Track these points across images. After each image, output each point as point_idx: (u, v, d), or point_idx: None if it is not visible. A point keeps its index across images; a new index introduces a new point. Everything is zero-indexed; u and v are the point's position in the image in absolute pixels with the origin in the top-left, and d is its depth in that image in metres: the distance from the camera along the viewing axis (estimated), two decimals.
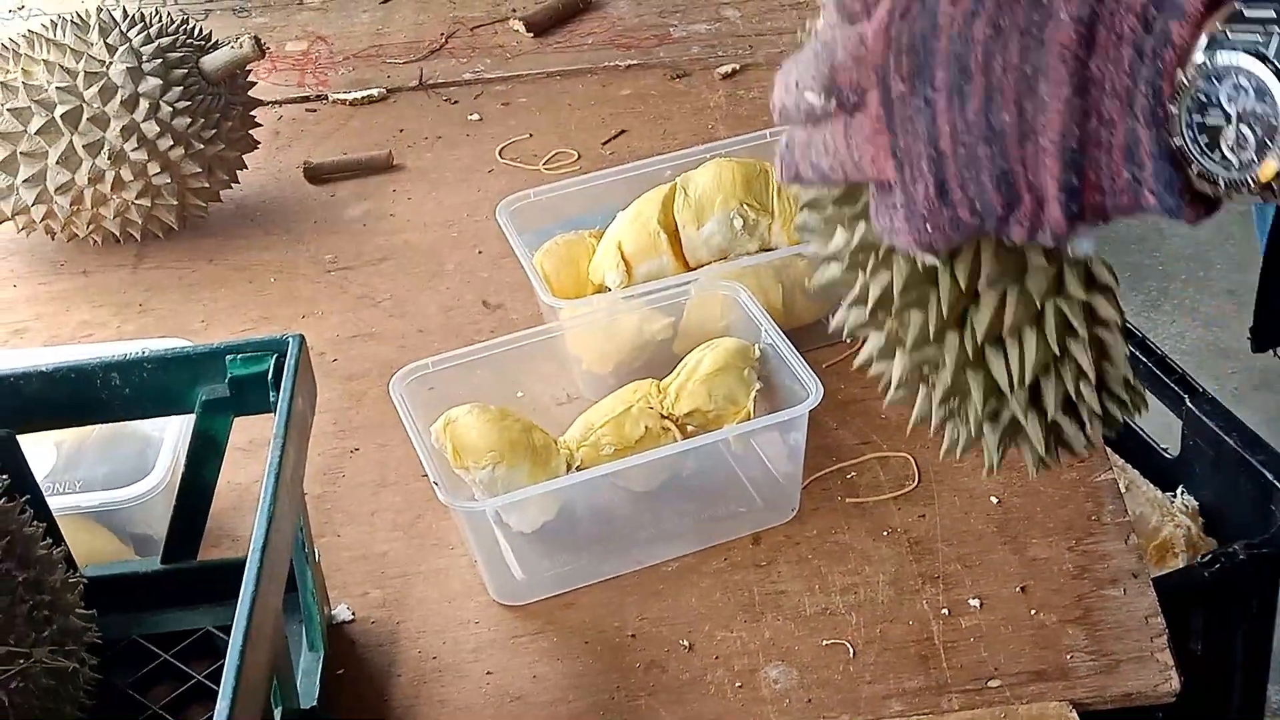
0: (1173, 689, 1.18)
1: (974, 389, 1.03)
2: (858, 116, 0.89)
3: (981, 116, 0.86)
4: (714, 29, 2.05)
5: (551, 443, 1.32)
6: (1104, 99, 0.83)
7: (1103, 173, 0.85)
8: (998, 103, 0.85)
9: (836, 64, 0.90)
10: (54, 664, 1.03)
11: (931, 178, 0.88)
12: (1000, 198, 0.87)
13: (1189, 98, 0.82)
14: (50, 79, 1.62)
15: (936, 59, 0.87)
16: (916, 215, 0.89)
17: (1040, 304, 1.00)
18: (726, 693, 1.20)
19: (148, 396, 1.18)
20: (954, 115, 0.86)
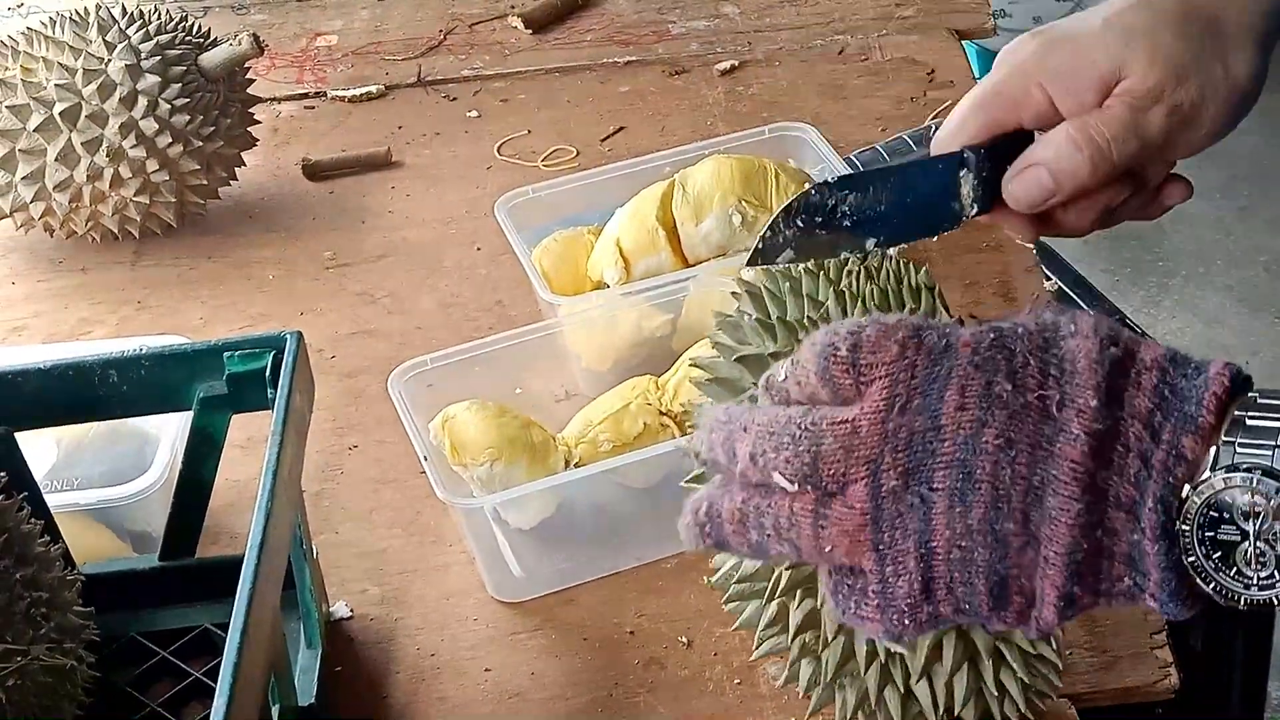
0: (1171, 685, 1.18)
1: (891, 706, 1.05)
2: (835, 508, 0.84)
3: (985, 524, 0.82)
4: (713, 25, 2.05)
5: (550, 439, 1.32)
6: (1109, 511, 0.81)
7: (1102, 579, 0.82)
8: (1003, 511, 0.82)
9: (822, 453, 0.84)
10: (52, 661, 1.02)
11: (919, 576, 0.84)
12: (989, 600, 0.84)
13: (1200, 515, 0.79)
14: (49, 76, 1.62)
15: (938, 461, 0.83)
16: (893, 609, 0.85)
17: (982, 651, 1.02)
18: (725, 689, 1.20)
19: (146, 394, 1.18)
20: (953, 519, 0.82)
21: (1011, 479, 0.81)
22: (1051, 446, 0.81)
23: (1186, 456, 0.79)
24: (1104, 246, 3.59)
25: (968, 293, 1.56)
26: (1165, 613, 0.82)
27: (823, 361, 0.85)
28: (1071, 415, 0.81)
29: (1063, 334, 0.83)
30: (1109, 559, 0.81)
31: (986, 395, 0.82)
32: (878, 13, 2.04)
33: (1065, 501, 0.80)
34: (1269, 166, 3.80)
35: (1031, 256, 1.61)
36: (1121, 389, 0.81)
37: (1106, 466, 0.80)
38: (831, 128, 1.75)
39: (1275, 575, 0.79)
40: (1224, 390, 0.80)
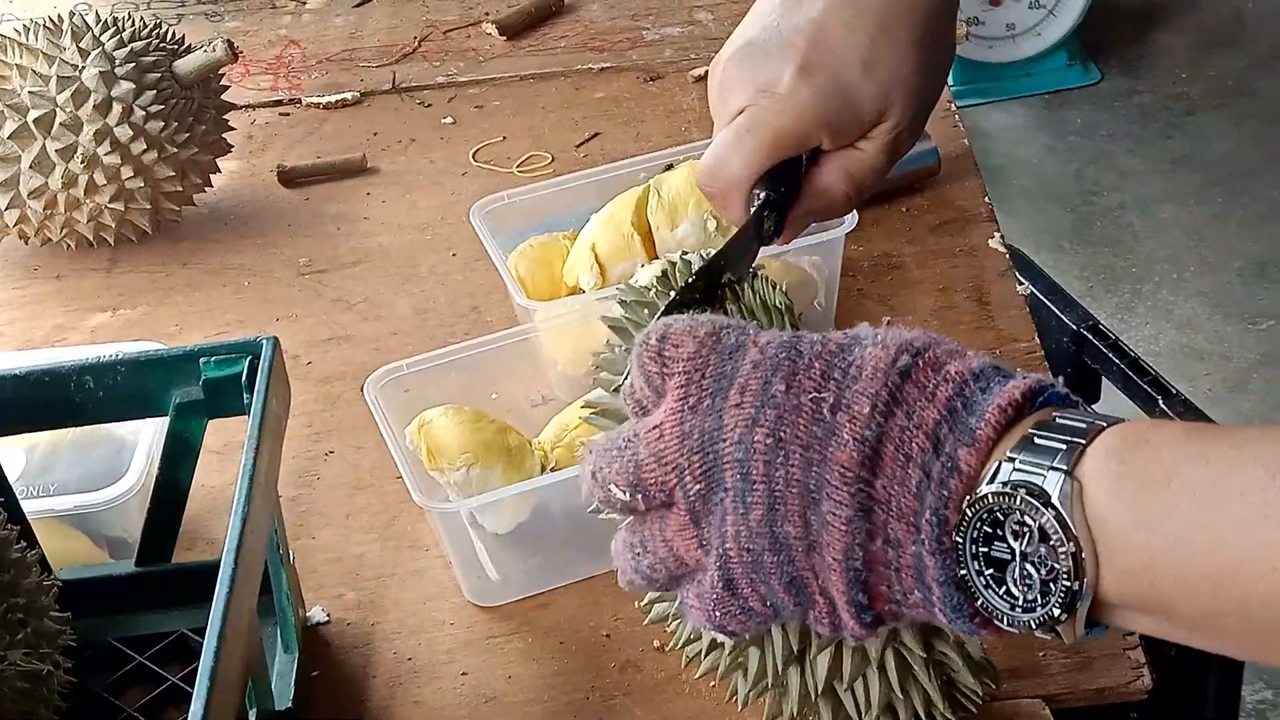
0: (1144, 686, 1.18)
1: (824, 711, 1.07)
2: (669, 512, 0.87)
3: (765, 525, 0.83)
4: (687, 32, 2.05)
5: (526, 444, 1.33)
6: (890, 521, 0.80)
7: (894, 589, 0.82)
8: (781, 513, 0.82)
9: (640, 462, 0.87)
10: (28, 667, 1.02)
11: (718, 573, 0.86)
12: (792, 599, 0.85)
13: (974, 529, 0.78)
14: (22, 83, 1.62)
15: (724, 461, 0.84)
16: (706, 603, 0.87)
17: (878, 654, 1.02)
18: (701, 691, 1.20)
19: (121, 399, 1.18)
20: (738, 520, 0.84)
21: (786, 481, 0.82)
22: (824, 450, 0.81)
23: (961, 468, 0.79)
24: (1078, 253, 3.60)
25: (941, 298, 1.57)
26: (957, 629, 0.81)
27: (638, 351, 0.89)
28: (844, 420, 0.81)
29: (864, 341, 0.84)
30: (896, 571, 0.81)
31: (762, 394, 0.83)
32: None
33: (836, 506, 0.81)
34: (1242, 172, 3.82)
35: (1005, 262, 1.61)
36: (914, 400, 0.81)
37: (888, 476, 0.80)
38: None
39: (1038, 599, 0.78)
40: (1010, 403, 0.79)
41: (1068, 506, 0.76)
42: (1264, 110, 4.01)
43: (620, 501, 0.89)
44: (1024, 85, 4.11)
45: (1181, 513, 0.74)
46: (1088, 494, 0.77)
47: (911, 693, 1.04)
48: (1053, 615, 0.78)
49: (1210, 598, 0.74)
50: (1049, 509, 0.76)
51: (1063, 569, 0.77)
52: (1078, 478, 0.77)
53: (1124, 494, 0.76)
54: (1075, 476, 0.77)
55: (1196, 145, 3.92)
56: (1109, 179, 3.86)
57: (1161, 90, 4.07)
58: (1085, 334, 1.99)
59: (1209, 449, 0.75)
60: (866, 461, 0.80)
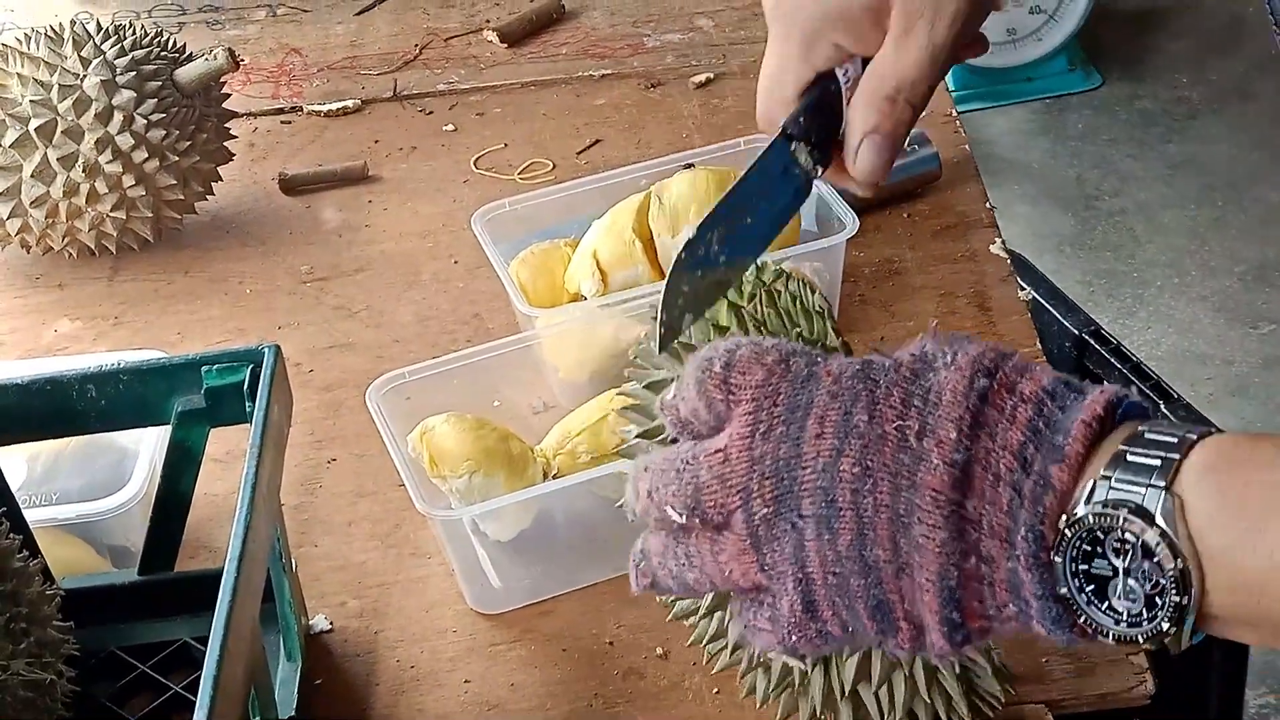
0: (1147, 691, 1.18)
1: (844, 713, 1.07)
2: (725, 534, 0.86)
3: (854, 550, 0.83)
4: (687, 38, 2.06)
5: (528, 451, 1.33)
6: (983, 539, 0.81)
7: (987, 604, 0.82)
8: (870, 539, 0.83)
9: (700, 484, 0.87)
10: (31, 676, 1.02)
11: (799, 598, 0.85)
12: (875, 625, 0.85)
13: (1073, 548, 0.79)
14: (24, 92, 1.62)
15: (802, 488, 0.84)
16: (781, 627, 0.86)
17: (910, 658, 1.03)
18: (705, 698, 1.20)
19: (124, 408, 1.18)
20: (823, 546, 0.84)
21: (875, 507, 0.82)
22: (913, 476, 0.81)
23: (1054, 485, 0.79)
24: (1079, 257, 3.60)
25: (943, 303, 1.57)
26: (1057, 640, 0.82)
27: (699, 375, 0.88)
28: (931, 445, 0.81)
29: (936, 365, 0.84)
30: (990, 585, 0.81)
31: (844, 424, 0.83)
32: None
33: (929, 529, 0.81)
34: (1242, 176, 3.82)
35: (1006, 267, 1.61)
36: (995, 422, 0.81)
37: (979, 496, 0.81)
38: None
39: (1144, 613, 0.79)
40: (1094, 418, 0.80)
41: (1172, 524, 0.77)
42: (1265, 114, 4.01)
43: (674, 522, 0.88)
44: (1025, 90, 4.11)
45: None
46: (1189, 511, 0.77)
47: (935, 696, 1.04)
48: (1161, 629, 0.78)
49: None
50: (1153, 527, 0.77)
51: (1169, 584, 0.78)
52: (1177, 494, 0.78)
53: (1225, 515, 0.77)
54: (1174, 493, 0.78)
55: (1197, 149, 3.92)
56: (1110, 183, 3.86)
57: (1162, 95, 4.07)
58: (1087, 338, 1.99)
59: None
60: (957, 484, 0.81)
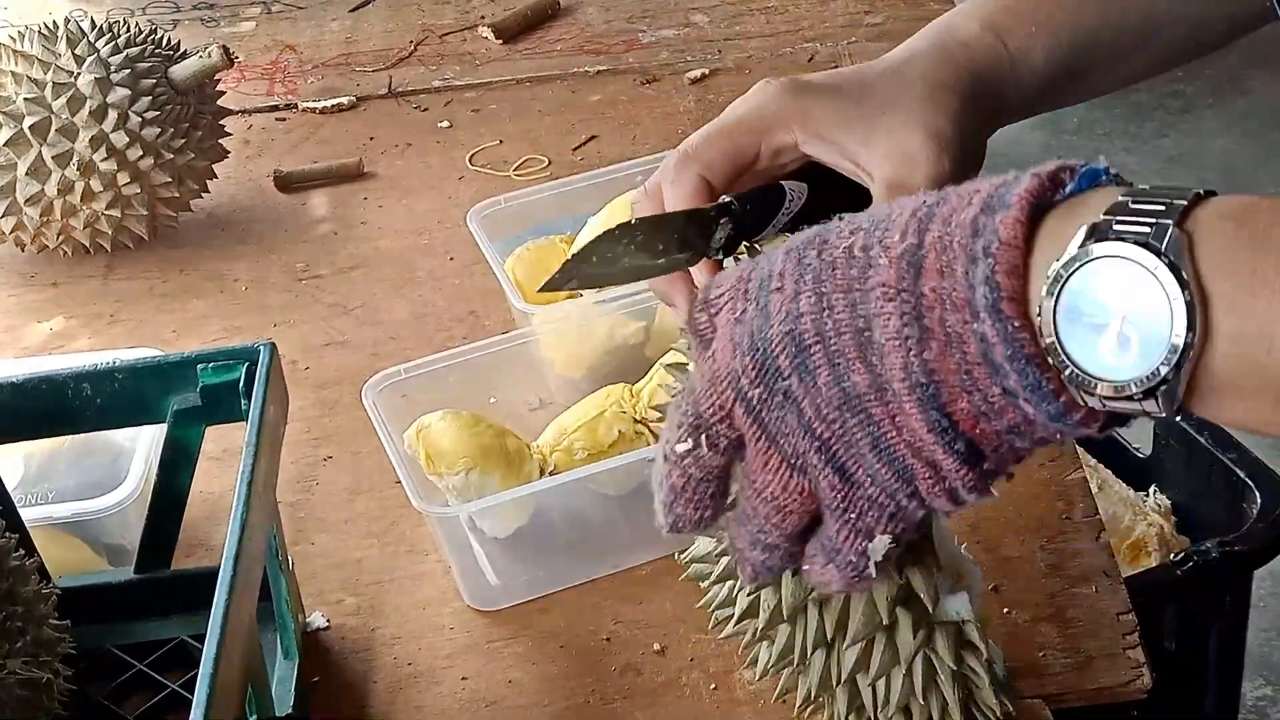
0: (1144, 685, 1.18)
1: (840, 699, 1.06)
2: (750, 458, 0.83)
3: (834, 385, 0.79)
4: (682, 34, 2.06)
5: (524, 448, 1.32)
6: (945, 315, 0.76)
7: (974, 396, 0.77)
8: (843, 366, 0.79)
9: (697, 397, 0.84)
10: (28, 675, 1.02)
11: (829, 469, 0.81)
12: (891, 471, 0.80)
13: (1062, 289, 0.73)
14: (18, 90, 1.62)
15: (774, 346, 0.80)
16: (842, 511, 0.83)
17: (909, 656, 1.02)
18: (702, 694, 1.20)
19: (119, 406, 1.18)
20: (814, 397, 0.80)
21: (836, 330, 0.79)
22: (864, 284, 0.78)
23: (1001, 233, 0.74)
24: None
25: None
26: (1048, 417, 0.76)
27: (690, 319, 0.87)
28: (878, 251, 0.78)
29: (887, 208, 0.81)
30: (967, 372, 0.76)
31: (798, 267, 0.81)
32: (846, 20, 2.04)
33: (883, 324, 0.77)
34: (1237, 169, 3.82)
35: None
36: (949, 213, 0.77)
37: (935, 276, 0.76)
38: None
39: (1138, 362, 0.72)
40: (1050, 175, 0.75)
41: (1179, 257, 0.71)
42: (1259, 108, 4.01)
43: (680, 465, 0.85)
44: None
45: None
46: (1199, 250, 0.71)
47: (931, 700, 1.04)
48: (1159, 374, 0.72)
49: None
50: (1161, 259, 0.71)
51: (1175, 323, 0.71)
52: (1187, 231, 0.72)
53: (1239, 254, 0.71)
54: (1185, 230, 0.72)
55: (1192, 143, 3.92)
56: None
57: (1157, 88, 4.07)
58: None
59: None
60: (907, 273, 0.77)
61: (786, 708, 1.16)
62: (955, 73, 1.04)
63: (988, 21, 1.06)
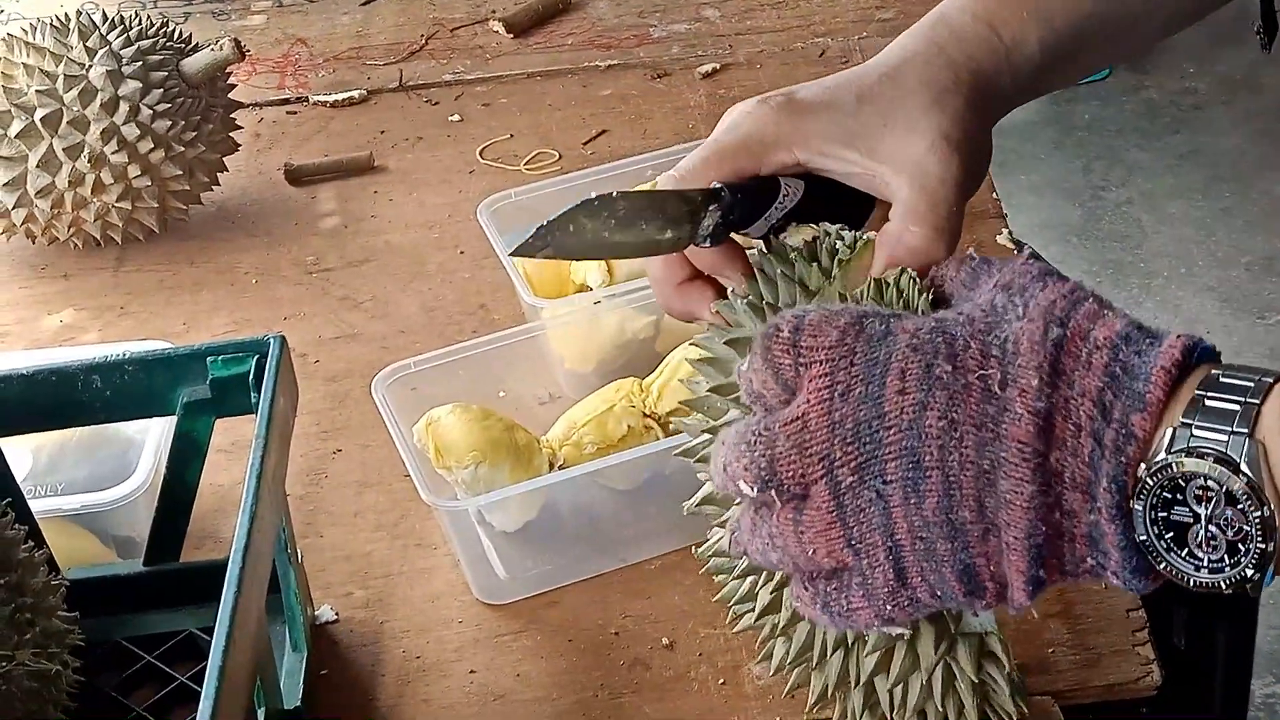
0: (1153, 682, 1.18)
1: (855, 699, 1.07)
2: (807, 512, 0.85)
3: (941, 513, 0.82)
4: (694, 29, 2.05)
5: (534, 442, 1.32)
6: (1065, 492, 0.80)
7: (1066, 559, 0.81)
8: (956, 499, 0.81)
9: (776, 455, 0.85)
10: (36, 666, 1.02)
11: (890, 567, 0.84)
12: (962, 587, 0.84)
13: (1153, 496, 0.78)
14: (30, 82, 1.62)
15: (887, 451, 0.82)
16: (877, 599, 0.85)
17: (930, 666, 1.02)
18: (710, 689, 1.20)
19: (129, 398, 1.18)
20: (910, 512, 0.82)
21: (960, 464, 0.80)
22: (997, 428, 0.80)
23: (1136, 434, 0.78)
24: (1086, 247, 3.60)
25: None
26: (1129, 589, 0.82)
27: (765, 343, 0.85)
28: (1014, 394, 0.80)
29: (1008, 317, 0.82)
30: (1070, 540, 0.81)
31: (926, 377, 0.81)
32: (857, 15, 2.04)
33: (1017, 484, 0.79)
34: (1250, 167, 3.82)
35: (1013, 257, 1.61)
36: (1071, 369, 0.80)
37: (1060, 448, 0.79)
38: None
39: (1225, 559, 0.78)
40: (1174, 364, 0.79)
41: (1256, 470, 0.76)
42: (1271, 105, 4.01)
43: (748, 499, 0.87)
44: None
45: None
46: (1272, 456, 0.77)
47: (949, 705, 1.04)
48: (1245, 575, 0.78)
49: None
50: (1239, 476, 0.77)
51: (1254, 530, 0.77)
52: (1259, 439, 0.77)
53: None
54: (1257, 439, 0.77)
55: (1204, 140, 3.92)
56: (1116, 174, 3.86)
57: (1169, 85, 4.07)
58: None
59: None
60: (1040, 434, 0.79)
61: (795, 703, 1.16)
62: (954, 74, 1.03)
63: (980, 13, 1.05)
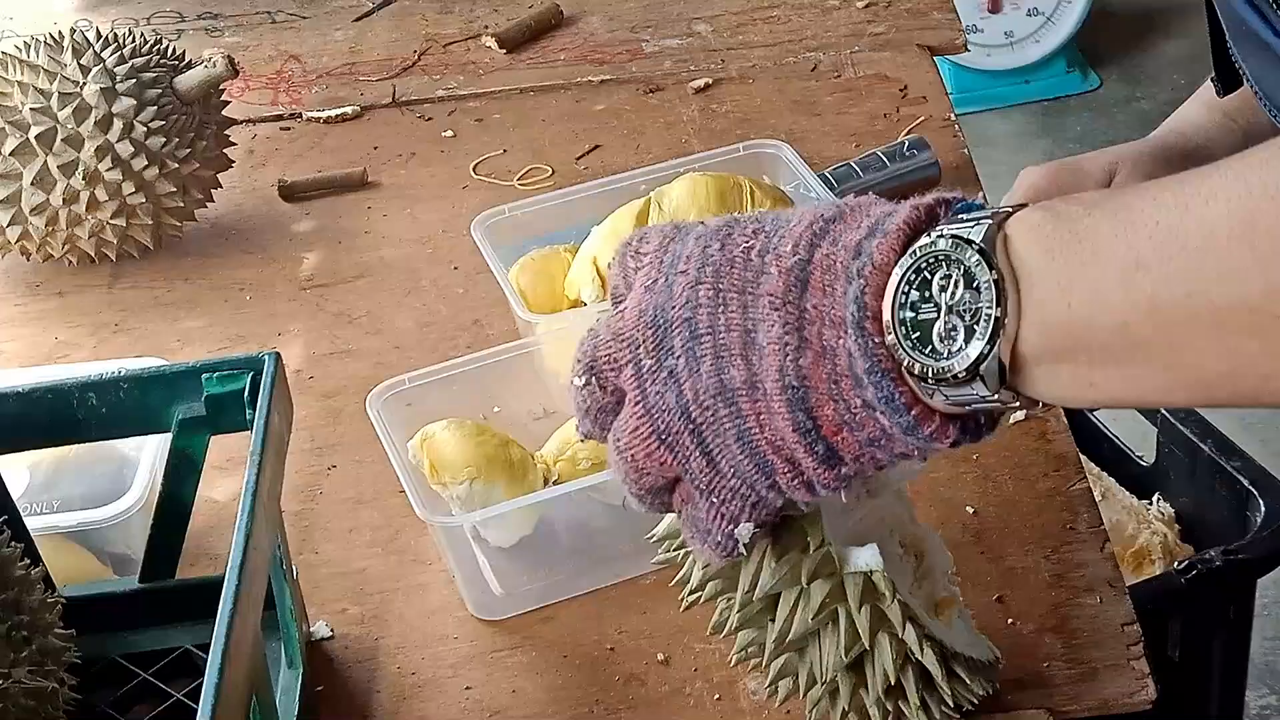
0: (1149, 696, 1.18)
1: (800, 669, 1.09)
2: (623, 416, 0.92)
3: (714, 375, 0.87)
4: (686, 43, 2.06)
5: (529, 457, 1.33)
6: (823, 329, 0.84)
7: (839, 405, 0.85)
8: (725, 360, 0.87)
9: (598, 342, 0.93)
10: (33, 684, 1.03)
11: (697, 450, 0.90)
12: (750, 461, 0.88)
13: (900, 294, 0.82)
14: (24, 100, 1.62)
15: (673, 328, 0.89)
16: (707, 494, 0.91)
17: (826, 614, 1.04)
18: (706, 704, 1.20)
19: (124, 416, 1.18)
20: (695, 381, 0.88)
21: (727, 326, 0.87)
22: (756, 289, 0.86)
23: (875, 258, 0.83)
24: None
25: None
26: (901, 429, 0.84)
27: (620, 250, 0.96)
28: (771, 260, 0.87)
29: (791, 211, 0.90)
30: (835, 382, 0.84)
31: (702, 257, 0.89)
32: (850, 30, 2.05)
33: (767, 329, 0.85)
34: None
35: None
36: (838, 232, 0.86)
37: (818, 293, 0.85)
38: (806, 144, 1.76)
39: (964, 345, 0.81)
40: (923, 205, 0.84)
41: (990, 244, 0.80)
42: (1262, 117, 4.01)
43: (578, 394, 0.94)
44: (1023, 92, 4.11)
45: (1101, 235, 0.77)
46: (1011, 241, 0.80)
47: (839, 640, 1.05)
48: (978, 352, 0.80)
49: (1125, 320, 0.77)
50: (972, 247, 0.80)
51: (984, 302, 0.80)
52: (1005, 230, 0.81)
53: (1043, 230, 0.80)
54: (1003, 229, 0.81)
55: None
56: None
57: (1161, 96, 4.07)
58: None
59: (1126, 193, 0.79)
60: (794, 286, 0.85)
61: (791, 718, 1.17)
62: None
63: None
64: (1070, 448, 1.39)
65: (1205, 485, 2.04)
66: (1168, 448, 2.10)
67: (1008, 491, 1.35)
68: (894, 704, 1.08)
